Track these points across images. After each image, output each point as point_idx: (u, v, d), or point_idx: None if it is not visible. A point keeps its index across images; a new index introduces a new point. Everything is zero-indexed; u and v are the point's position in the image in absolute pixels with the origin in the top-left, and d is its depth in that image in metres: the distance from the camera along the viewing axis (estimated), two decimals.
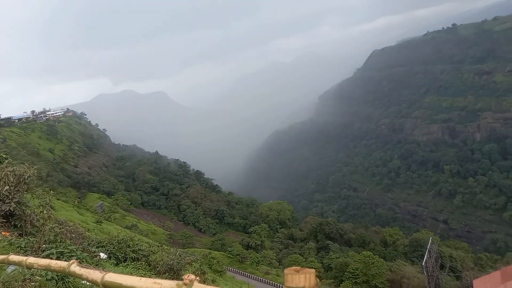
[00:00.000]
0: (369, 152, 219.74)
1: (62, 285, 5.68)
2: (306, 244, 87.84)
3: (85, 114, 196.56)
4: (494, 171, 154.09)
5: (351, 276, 62.38)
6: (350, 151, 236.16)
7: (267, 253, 76.91)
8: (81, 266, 1.86)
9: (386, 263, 65.05)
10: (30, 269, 2.65)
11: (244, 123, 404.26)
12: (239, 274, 61.21)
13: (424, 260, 45.61)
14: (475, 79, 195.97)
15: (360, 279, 60.91)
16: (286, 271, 1.19)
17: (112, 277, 1.52)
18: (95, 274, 1.60)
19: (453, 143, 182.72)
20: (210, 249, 76.47)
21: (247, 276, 60.82)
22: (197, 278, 1.28)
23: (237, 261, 69.52)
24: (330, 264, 71.63)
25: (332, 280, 65.17)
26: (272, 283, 59.82)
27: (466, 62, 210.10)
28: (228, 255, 71.56)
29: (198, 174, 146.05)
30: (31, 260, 2.48)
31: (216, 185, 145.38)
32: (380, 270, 60.56)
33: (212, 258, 52.12)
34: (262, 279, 60.97)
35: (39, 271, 6.16)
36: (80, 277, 1.81)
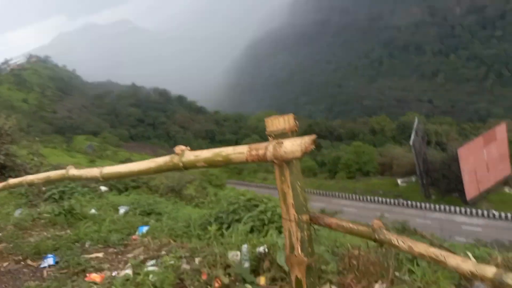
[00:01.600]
0: (350, 46, 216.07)
1: (71, 217, 5.84)
2: None
3: (50, 57, 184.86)
4: (474, 43, 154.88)
5: (344, 167, 66.22)
6: (331, 48, 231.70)
7: None
8: (77, 169, 1.91)
9: (376, 149, 68.55)
10: (32, 186, 2.70)
11: (216, 39, 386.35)
12: (238, 184, 64.39)
13: (411, 139, 47.97)
14: None
15: (353, 168, 64.78)
16: (265, 119, 1.26)
17: (109, 169, 1.59)
18: (93, 171, 1.69)
19: (433, 22, 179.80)
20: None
21: (246, 185, 64.16)
22: (188, 147, 1.34)
23: (235, 173, 72.60)
24: (323, 160, 75.28)
25: (327, 173, 69.18)
26: (271, 186, 63.48)
27: None
28: (226, 170, 74.41)
29: (181, 99, 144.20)
30: (30, 177, 2.54)
31: (201, 106, 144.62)
32: (370, 157, 64.11)
33: (211, 174, 54.08)
34: (261, 185, 64.49)
35: (46, 209, 6.30)
36: (80, 178, 1.85)
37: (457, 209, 42.11)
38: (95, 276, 3.58)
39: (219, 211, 6.13)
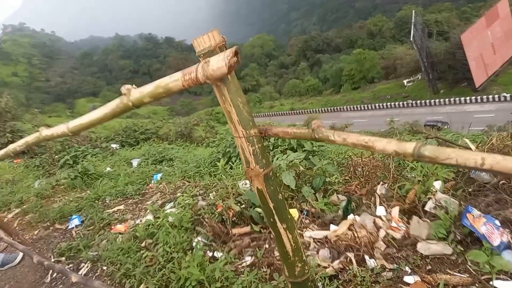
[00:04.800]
0: None
1: (87, 178, 6.07)
2: (298, 67, 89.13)
3: (25, 24, 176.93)
4: None
5: (347, 78, 65.17)
6: None
7: (265, 89, 79.17)
8: (48, 129, 2.00)
9: (377, 53, 66.60)
10: (15, 154, 2.80)
11: None
12: None
13: (412, 35, 46.12)
14: None
15: (357, 77, 63.73)
16: (193, 40, 1.24)
17: (74, 122, 1.65)
18: (61, 127, 1.75)
19: None
20: (212, 107, 78.93)
21: (254, 116, 64.29)
22: (133, 86, 1.37)
23: None
24: (326, 75, 73.98)
25: (332, 89, 68.45)
26: (278, 113, 63.57)
27: None
28: None
29: (169, 40, 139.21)
30: (12, 146, 2.63)
31: (191, 44, 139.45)
32: (373, 62, 62.60)
33: (217, 113, 54.22)
34: (269, 113, 64.61)
35: (62, 175, 6.52)
36: (52, 136, 1.94)
37: (467, 99, 41.64)
38: (119, 227, 3.82)
39: (226, 146, 6.26)
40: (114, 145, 14.00)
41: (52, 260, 3.53)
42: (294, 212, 3.03)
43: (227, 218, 3.04)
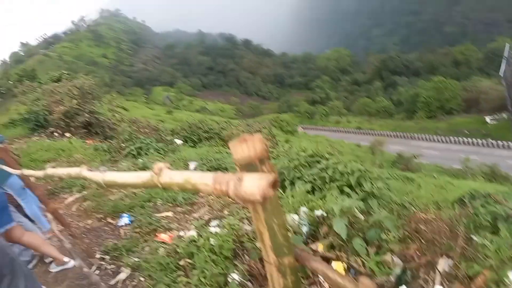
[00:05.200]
0: None
1: None
2: (371, 86, 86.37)
3: (120, 10, 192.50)
4: None
5: (423, 105, 61.61)
6: None
7: (334, 103, 77.76)
8: (90, 170, 1.98)
9: (460, 84, 62.16)
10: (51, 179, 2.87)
11: None
12: (310, 129, 63.78)
13: (502, 70, 42.50)
14: None
15: (434, 106, 60.00)
16: (230, 144, 0.92)
17: (110, 176, 1.60)
18: (97, 176, 1.70)
19: None
20: (278, 113, 79.34)
21: (318, 129, 63.47)
22: (167, 165, 1.26)
23: (306, 118, 71.88)
24: (400, 99, 70.77)
25: (404, 114, 65.25)
26: (343, 129, 62.03)
27: None
28: (296, 115, 73.95)
29: (247, 43, 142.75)
30: (53, 171, 2.68)
31: (268, 49, 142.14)
32: (454, 92, 58.60)
33: (281, 120, 54.33)
34: (334, 128, 63.31)
35: (123, 166, 6.84)
36: (89, 180, 1.93)
37: None
38: (164, 237, 3.85)
39: (281, 167, 6.12)
40: (177, 141, 14.48)
41: (97, 256, 3.65)
42: (340, 267, 2.79)
43: None
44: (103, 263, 3.53)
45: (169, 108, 66.23)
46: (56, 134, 12.52)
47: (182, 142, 14.89)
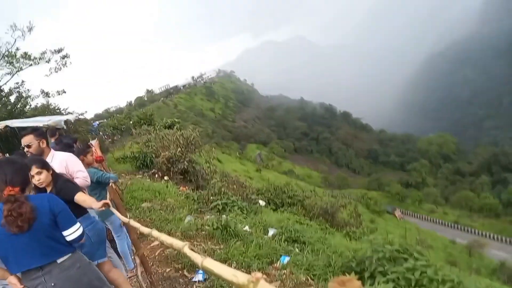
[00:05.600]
0: None
1: (226, 233, 6.49)
2: (477, 179, 78.08)
3: (234, 72, 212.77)
4: None
5: None
6: None
7: (430, 190, 71.77)
8: (191, 249, 2.12)
9: None
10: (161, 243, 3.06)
11: (389, 54, 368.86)
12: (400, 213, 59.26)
13: None
14: None
15: None
16: (329, 284, 0.96)
17: (208, 262, 1.69)
18: (197, 258, 1.82)
19: None
20: (367, 189, 75.83)
21: (408, 215, 58.62)
22: (264, 276, 1.25)
23: (396, 200, 67.31)
24: (510, 198, 62.36)
25: None
26: (438, 221, 56.26)
27: None
28: (386, 195, 69.84)
29: (346, 115, 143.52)
30: (158, 234, 2.89)
31: (366, 124, 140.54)
32: None
33: (369, 198, 51.80)
34: (427, 218, 57.85)
35: (208, 221, 7.19)
36: (190, 257, 2.06)
37: None
38: None
39: (363, 255, 5.78)
40: (261, 202, 14.76)
41: None
42: None
43: None
44: None
45: (259, 166, 68.25)
46: (156, 175, 13.82)
47: (265, 203, 15.11)
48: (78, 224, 2.67)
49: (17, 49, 19.50)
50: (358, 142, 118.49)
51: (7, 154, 10.64)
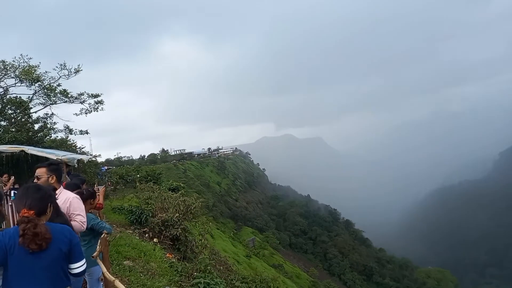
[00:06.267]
0: None
1: None
2: None
3: (249, 154, 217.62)
4: None
5: None
6: None
7: None
8: None
9: None
10: None
11: (401, 177, 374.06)
12: None
13: None
14: None
15: None
16: None
17: None
18: None
19: None
20: None
21: None
22: None
23: None
24: None
25: None
26: None
27: None
28: None
29: (348, 224, 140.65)
30: None
31: (367, 238, 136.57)
32: None
33: None
34: None
35: None
36: None
37: None
38: None
39: None
40: None
41: None
42: None
43: None
44: None
45: (250, 252, 65.69)
46: (147, 235, 13.49)
47: None
48: (84, 260, 2.83)
49: (59, 85, 20.87)
50: (355, 254, 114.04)
51: (13, 177, 10.78)
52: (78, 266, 2.74)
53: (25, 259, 2.48)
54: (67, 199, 4.08)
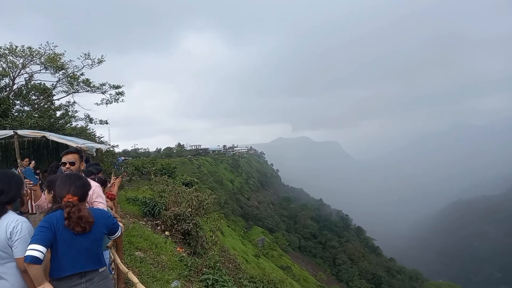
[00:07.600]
0: None
1: None
2: None
3: (264, 154, 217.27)
4: None
5: None
6: None
7: None
8: None
9: None
10: None
11: (417, 187, 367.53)
12: None
13: None
14: None
15: None
16: None
17: None
18: None
19: None
20: None
21: None
22: None
23: None
24: None
25: None
26: None
27: None
28: None
29: (359, 231, 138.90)
30: None
31: (377, 246, 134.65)
32: None
33: None
34: None
35: None
36: None
37: None
38: None
39: None
40: None
41: None
42: None
43: None
44: None
45: (258, 251, 65.58)
46: (159, 227, 13.60)
47: None
48: (120, 229, 3.30)
49: (82, 74, 21.21)
50: (364, 262, 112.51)
51: (33, 162, 10.99)
52: (117, 236, 3.20)
53: (71, 240, 2.74)
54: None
